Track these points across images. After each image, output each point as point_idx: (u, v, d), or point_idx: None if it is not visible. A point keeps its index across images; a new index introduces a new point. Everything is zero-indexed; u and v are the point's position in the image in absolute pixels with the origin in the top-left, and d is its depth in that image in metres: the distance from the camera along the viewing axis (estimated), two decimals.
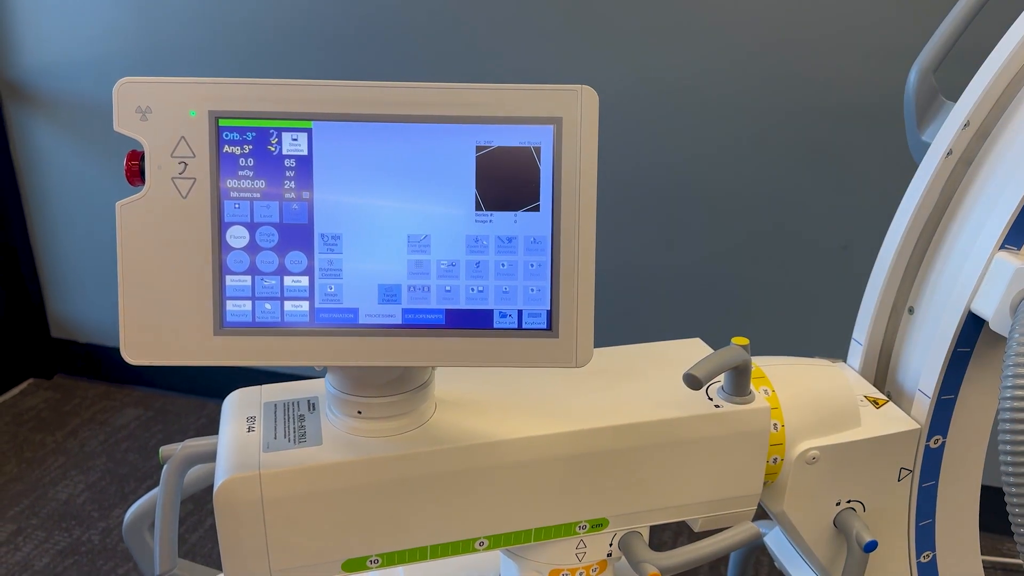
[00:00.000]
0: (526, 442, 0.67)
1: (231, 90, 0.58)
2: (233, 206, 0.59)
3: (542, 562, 0.74)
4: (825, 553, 0.82)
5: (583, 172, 0.59)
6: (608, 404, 0.71)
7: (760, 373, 0.78)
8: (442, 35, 1.83)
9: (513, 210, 0.60)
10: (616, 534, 0.73)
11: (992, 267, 0.73)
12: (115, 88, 0.58)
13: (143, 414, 2.31)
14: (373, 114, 0.58)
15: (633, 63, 1.74)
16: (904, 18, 1.55)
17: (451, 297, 0.61)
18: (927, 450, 0.80)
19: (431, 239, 0.60)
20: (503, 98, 0.59)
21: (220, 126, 0.58)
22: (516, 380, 0.74)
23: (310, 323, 0.60)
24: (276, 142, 0.58)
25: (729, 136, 1.74)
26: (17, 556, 1.80)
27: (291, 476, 0.62)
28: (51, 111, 2.20)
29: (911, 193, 0.83)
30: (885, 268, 0.84)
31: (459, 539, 0.68)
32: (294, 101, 0.58)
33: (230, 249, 0.59)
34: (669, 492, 0.72)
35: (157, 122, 0.58)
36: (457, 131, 0.59)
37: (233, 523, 0.62)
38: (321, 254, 0.60)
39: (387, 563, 0.68)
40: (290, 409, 0.69)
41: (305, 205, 0.59)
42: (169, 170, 0.58)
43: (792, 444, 0.76)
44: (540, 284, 0.61)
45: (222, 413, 0.70)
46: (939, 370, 0.77)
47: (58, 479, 2.04)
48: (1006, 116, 0.78)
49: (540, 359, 0.61)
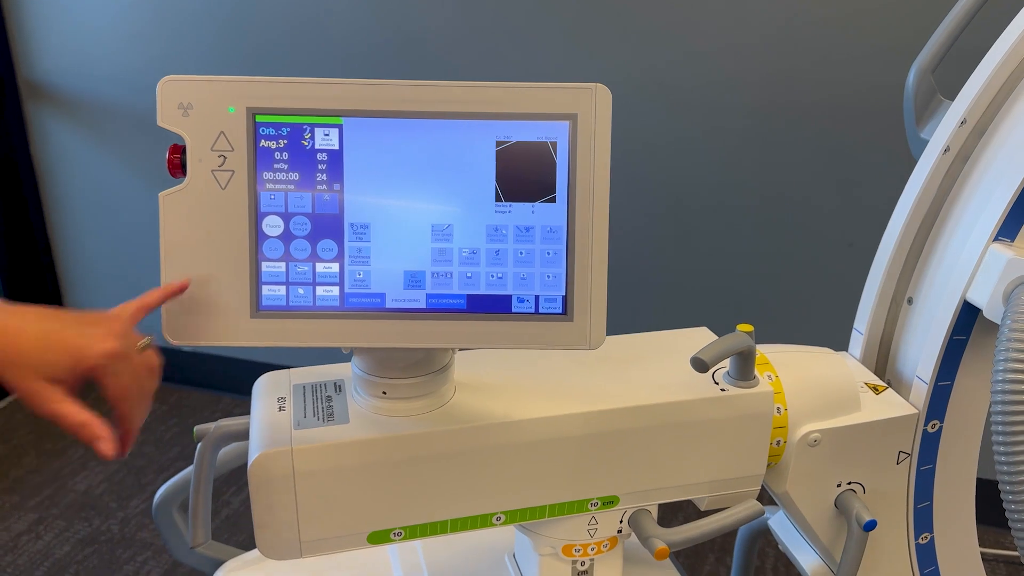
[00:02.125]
0: (541, 422, 0.71)
1: (268, 88, 0.62)
2: (269, 197, 0.63)
3: (555, 537, 0.77)
4: (827, 533, 0.85)
5: (597, 165, 0.63)
6: (619, 387, 0.74)
7: (764, 359, 0.81)
8: (462, 35, 1.87)
9: (531, 201, 0.64)
10: (626, 511, 0.76)
11: (986, 258, 0.76)
12: (159, 86, 0.61)
13: (159, 408, 2.35)
14: (400, 111, 0.62)
15: (644, 63, 1.77)
16: (904, 20, 1.59)
17: (472, 283, 0.64)
18: (925, 434, 0.83)
19: (454, 228, 0.64)
20: (522, 95, 0.63)
21: (257, 122, 0.62)
22: (531, 364, 0.78)
23: (340, 307, 0.64)
24: (309, 137, 0.62)
25: (735, 135, 1.77)
26: (38, 544, 1.85)
27: (321, 452, 0.66)
28: (71, 111, 2.25)
29: (910, 188, 0.86)
30: (885, 260, 0.87)
31: (478, 514, 0.72)
32: (326, 98, 0.62)
33: (266, 237, 0.63)
34: (677, 471, 0.75)
35: (198, 118, 0.62)
36: (479, 127, 0.63)
37: (266, 496, 0.66)
38: (351, 242, 0.63)
39: (409, 536, 0.71)
40: (318, 390, 0.73)
41: (336, 196, 0.63)
42: (209, 163, 0.62)
43: (795, 427, 0.79)
44: (556, 271, 0.64)
45: (253, 394, 0.74)
46: (936, 357, 0.81)
47: (77, 470, 2.09)
48: (1001, 114, 0.82)
49: (556, 342, 0.65)
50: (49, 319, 0.55)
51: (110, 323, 0.56)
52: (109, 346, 0.55)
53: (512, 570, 0.86)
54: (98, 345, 0.55)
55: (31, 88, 2.26)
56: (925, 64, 0.89)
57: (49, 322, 0.54)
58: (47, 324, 0.54)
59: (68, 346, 0.54)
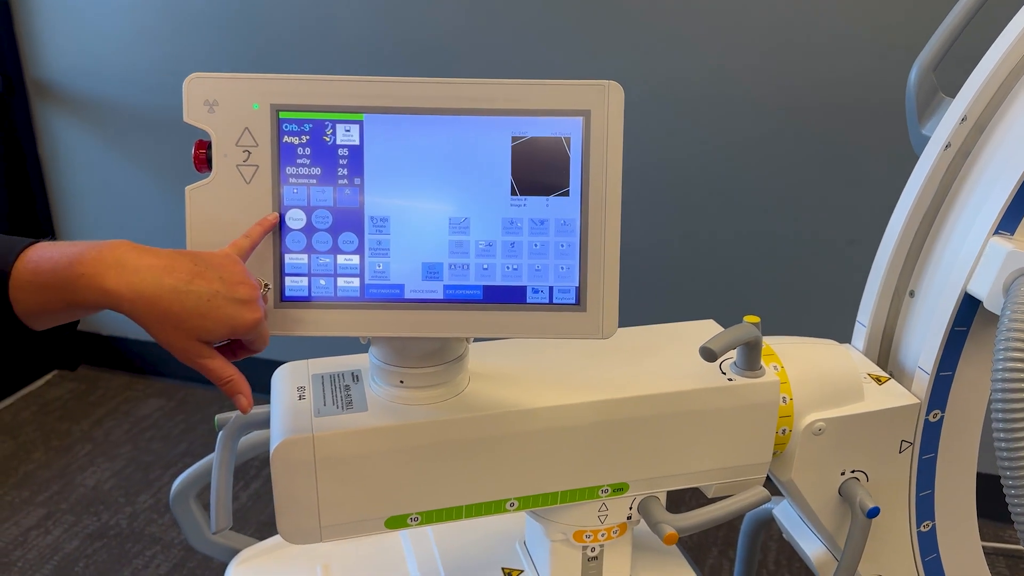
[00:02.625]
0: (553, 411, 0.73)
1: (291, 85, 0.64)
2: (292, 191, 0.65)
3: (566, 524, 0.79)
4: (831, 521, 0.87)
5: (609, 160, 0.65)
6: (629, 377, 0.76)
7: (770, 351, 0.83)
8: (476, 34, 1.90)
9: (545, 195, 0.66)
10: (636, 498, 0.78)
11: (987, 251, 0.78)
12: (185, 82, 0.63)
13: (166, 404, 2.37)
14: (419, 107, 0.64)
15: (654, 62, 1.80)
16: (906, 19, 1.61)
17: (488, 274, 0.66)
18: (926, 424, 0.85)
19: (470, 221, 0.66)
20: (537, 92, 0.65)
21: (281, 118, 0.64)
22: (543, 354, 0.80)
23: (360, 297, 0.66)
24: (331, 133, 0.64)
25: (742, 132, 1.79)
26: (48, 539, 1.87)
27: (341, 438, 0.68)
28: (78, 110, 2.27)
29: (912, 184, 0.88)
30: (888, 254, 0.89)
31: (492, 499, 0.74)
32: (348, 95, 0.64)
33: (289, 230, 0.65)
34: (685, 459, 0.77)
35: (223, 114, 0.64)
36: (495, 123, 0.65)
37: (288, 481, 0.68)
38: (371, 235, 0.65)
39: (426, 521, 0.73)
40: (336, 380, 0.75)
41: (356, 190, 0.65)
42: (234, 158, 0.64)
43: (800, 416, 0.81)
44: (569, 263, 0.66)
45: (272, 384, 0.76)
46: (938, 348, 0.83)
47: (85, 466, 2.10)
48: (1001, 111, 0.84)
49: (569, 331, 0.67)
50: (197, 278, 0.59)
51: (251, 290, 0.61)
52: (256, 317, 0.61)
53: (523, 557, 0.88)
54: (250, 316, 0.61)
55: (39, 87, 2.28)
56: (927, 62, 0.91)
57: (202, 282, 0.59)
58: (202, 286, 0.58)
59: (224, 316, 0.59)
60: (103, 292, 0.56)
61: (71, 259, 0.56)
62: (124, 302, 0.57)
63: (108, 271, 0.56)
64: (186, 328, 0.58)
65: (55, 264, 0.57)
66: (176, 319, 0.58)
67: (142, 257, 0.58)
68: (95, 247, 0.57)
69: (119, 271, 0.56)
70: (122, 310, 0.57)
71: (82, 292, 0.56)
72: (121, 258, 0.57)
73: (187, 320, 0.58)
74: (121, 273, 0.56)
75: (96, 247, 0.57)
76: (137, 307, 0.57)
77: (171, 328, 0.58)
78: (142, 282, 0.57)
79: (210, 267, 0.59)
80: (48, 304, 0.57)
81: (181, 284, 0.58)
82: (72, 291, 0.56)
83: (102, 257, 0.57)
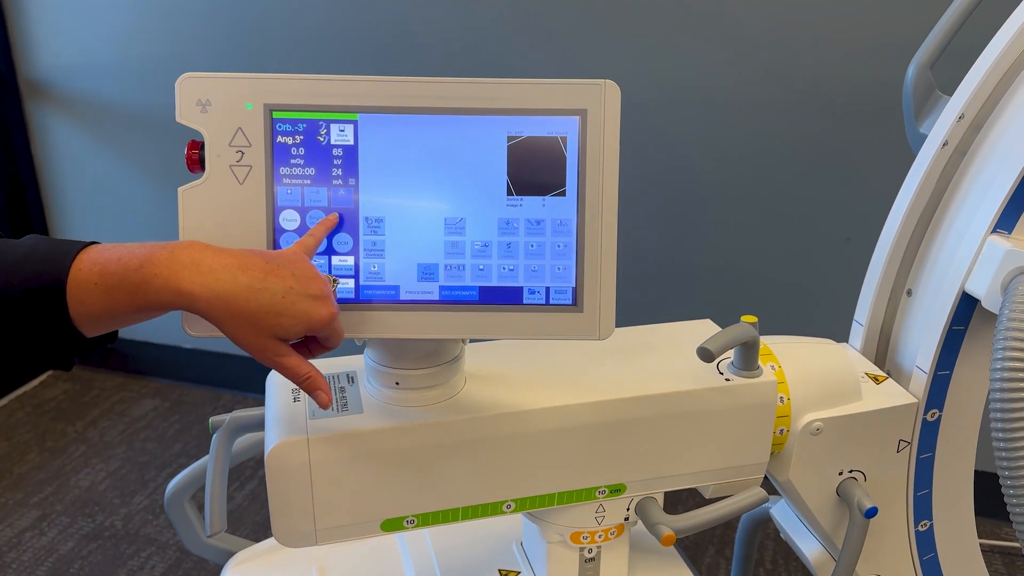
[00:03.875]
0: (550, 412, 0.72)
1: (284, 85, 0.63)
2: (285, 191, 0.64)
3: (564, 525, 0.79)
4: (829, 521, 0.87)
5: (606, 159, 0.65)
6: (626, 377, 0.76)
7: (767, 350, 0.83)
8: (471, 32, 1.89)
9: (541, 195, 0.65)
10: (633, 499, 0.78)
11: (984, 250, 0.78)
12: (178, 82, 0.63)
13: (160, 405, 2.36)
14: (414, 107, 0.64)
15: (650, 61, 1.79)
16: (903, 17, 1.61)
17: (484, 275, 0.66)
18: (924, 423, 0.85)
19: (466, 222, 0.65)
20: (532, 91, 0.64)
21: (274, 118, 0.63)
22: (540, 355, 0.79)
23: (355, 299, 0.65)
24: (325, 133, 0.64)
25: (738, 131, 1.79)
26: (43, 540, 1.86)
27: (336, 440, 0.68)
28: (70, 109, 2.26)
29: (909, 182, 0.88)
30: (885, 253, 0.89)
31: (488, 501, 0.74)
32: (342, 95, 0.63)
33: (283, 231, 0.64)
34: (683, 459, 0.77)
35: (216, 114, 0.63)
36: (490, 122, 0.64)
37: (283, 484, 0.68)
38: (365, 236, 0.65)
39: (422, 523, 0.73)
40: (332, 382, 0.74)
41: (351, 191, 0.64)
42: (227, 158, 0.63)
43: (797, 416, 0.81)
44: (566, 263, 0.66)
45: (267, 386, 0.76)
46: (935, 347, 0.82)
47: (80, 467, 2.09)
48: (998, 109, 0.83)
49: (566, 332, 0.66)
50: (270, 275, 0.58)
51: (324, 285, 0.60)
52: (331, 312, 0.61)
53: (520, 558, 0.87)
54: (325, 311, 0.60)
55: (31, 86, 2.27)
56: (924, 60, 0.91)
57: (276, 280, 0.58)
58: (276, 283, 0.58)
59: (299, 312, 0.59)
60: (178, 293, 0.56)
61: (141, 260, 0.56)
62: (201, 302, 0.56)
63: (183, 271, 0.56)
64: (263, 326, 0.58)
65: (124, 266, 0.55)
66: (253, 317, 0.57)
67: (217, 256, 0.57)
68: (166, 248, 0.56)
69: (194, 271, 0.56)
70: (197, 310, 0.57)
71: (155, 294, 0.56)
72: (196, 258, 0.56)
73: (264, 318, 0.58)
74: (196, 273, 0.56)
75: (167, 248, 0.56)
76: (214, 307, 0.56)
77: (248, 327, 0.58)
78: (217, 281, 0.56)
79: (282, 264, 0.59)
80: (115, 306, 0.56)
81: (256, 282, 0.57)
82: (144, 293, 0.56)
83: (176, 258, 0.56)
